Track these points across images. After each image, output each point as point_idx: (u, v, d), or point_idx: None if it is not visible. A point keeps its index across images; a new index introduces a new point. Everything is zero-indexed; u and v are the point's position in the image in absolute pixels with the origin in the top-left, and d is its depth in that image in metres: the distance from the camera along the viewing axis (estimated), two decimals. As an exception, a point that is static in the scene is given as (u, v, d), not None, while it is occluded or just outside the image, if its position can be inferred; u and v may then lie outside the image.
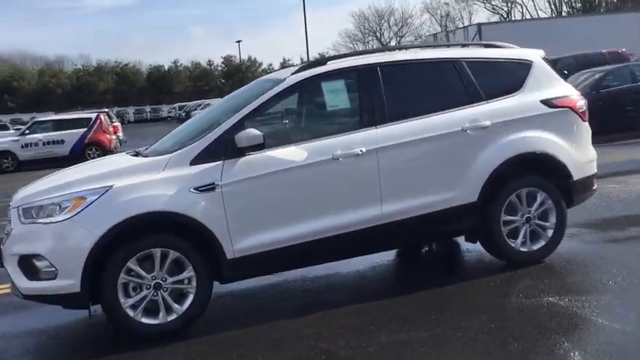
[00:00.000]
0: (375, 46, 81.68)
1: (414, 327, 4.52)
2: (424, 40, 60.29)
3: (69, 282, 4.60)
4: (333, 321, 4.78)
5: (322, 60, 5.55)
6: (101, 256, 4.59)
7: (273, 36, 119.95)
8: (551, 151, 5.64)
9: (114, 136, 25.03)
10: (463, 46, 6.25)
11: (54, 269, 4.61)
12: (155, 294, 4.74)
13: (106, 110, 29.78)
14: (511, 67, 5.86)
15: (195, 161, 4.89)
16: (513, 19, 65.28)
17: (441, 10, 74.69)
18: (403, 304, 5.02)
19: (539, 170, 5.71)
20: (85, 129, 23.52)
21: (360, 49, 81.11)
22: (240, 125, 4.99)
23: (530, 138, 5.60)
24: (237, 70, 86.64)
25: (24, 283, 4.74)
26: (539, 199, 5.67)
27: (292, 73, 5.40)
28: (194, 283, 4.80)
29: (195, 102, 60.02)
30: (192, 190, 4.78)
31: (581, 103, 5.88)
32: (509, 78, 5.82)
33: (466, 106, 5.53)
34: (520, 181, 5.64)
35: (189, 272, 4.79)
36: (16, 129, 32.31)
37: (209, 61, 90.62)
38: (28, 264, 4.71)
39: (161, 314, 4.76)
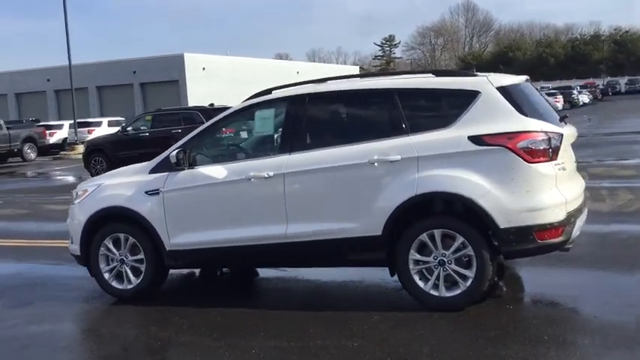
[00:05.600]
0: None
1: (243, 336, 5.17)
2: None
3: (76, 247, 6.63)
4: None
5: (268, 90, 6.16)
6: (90, 232, 6.48)
7: None
8: (466, 192, 5.10)
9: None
10: (416, 73, 5.81)
11: (71, 237, 6.70)
12: (121, 267, 6.41)
13: None
14: (451, 98, 5.39)
15: (152, 171, 6.30)
16: None
17: None
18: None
19: (455, 212, 5.24)
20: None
21: None
22: (185, 146, 6.15)
23: (443, 176, 5.18)
24: None
25: (69, 244, 6.96)
26: (456, 244, 5.22)
27: (242, 102, 6.23)
28: (144, 264, 6.29)
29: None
30: (144, 192, 6.23)
31: (525, 143, 5.03)
32: (444, 110, 5.40)
33: (386, 139, 5.44)
34: (432, 221, 5.30)
35: (141, 255, 6.30)
36: None
37: None
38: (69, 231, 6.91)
39: (125, 282, 6.41)
